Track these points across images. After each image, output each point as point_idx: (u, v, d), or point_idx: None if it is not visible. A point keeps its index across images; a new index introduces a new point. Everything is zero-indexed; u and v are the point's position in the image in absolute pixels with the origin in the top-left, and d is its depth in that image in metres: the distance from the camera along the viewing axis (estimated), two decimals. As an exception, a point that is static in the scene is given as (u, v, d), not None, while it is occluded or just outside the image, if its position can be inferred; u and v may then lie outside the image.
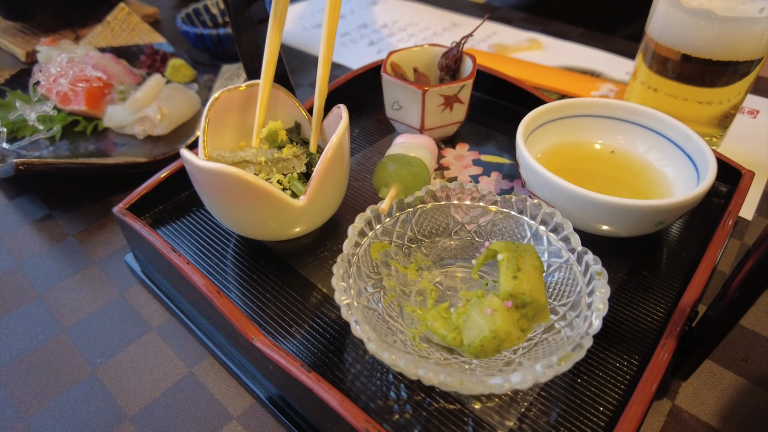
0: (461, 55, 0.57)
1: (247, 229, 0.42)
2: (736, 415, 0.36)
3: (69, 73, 0.65)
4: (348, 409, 0.30)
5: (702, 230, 0.47)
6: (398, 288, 0.38)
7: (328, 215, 0.44)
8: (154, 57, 0.76)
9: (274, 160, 0.42)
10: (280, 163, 0.42)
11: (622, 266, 0.43)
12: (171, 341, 0.42)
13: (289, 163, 0.43)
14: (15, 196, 0.59)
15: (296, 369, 0.32)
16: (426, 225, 0.41)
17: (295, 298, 0.41)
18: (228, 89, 0.45)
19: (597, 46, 0.86)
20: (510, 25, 0.94)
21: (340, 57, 0.86)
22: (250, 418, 0.37)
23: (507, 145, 0.58)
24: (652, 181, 0.47)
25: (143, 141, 0.63)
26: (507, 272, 0.34)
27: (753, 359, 0.40)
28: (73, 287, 0.47)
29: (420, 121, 0.54)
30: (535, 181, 0.43)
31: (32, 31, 0.92)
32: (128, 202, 0.47)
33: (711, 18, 0.49)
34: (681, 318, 0.35)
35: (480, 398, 0.34)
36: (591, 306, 0.32)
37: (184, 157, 0.39)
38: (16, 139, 0.62)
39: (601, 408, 0.34)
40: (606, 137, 0.51)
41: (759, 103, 0.70)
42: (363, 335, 0.30)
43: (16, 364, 0.41)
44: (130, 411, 0.38)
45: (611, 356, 0.37)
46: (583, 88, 0.72)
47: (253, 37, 0.50)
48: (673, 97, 0.55)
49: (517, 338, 0.33)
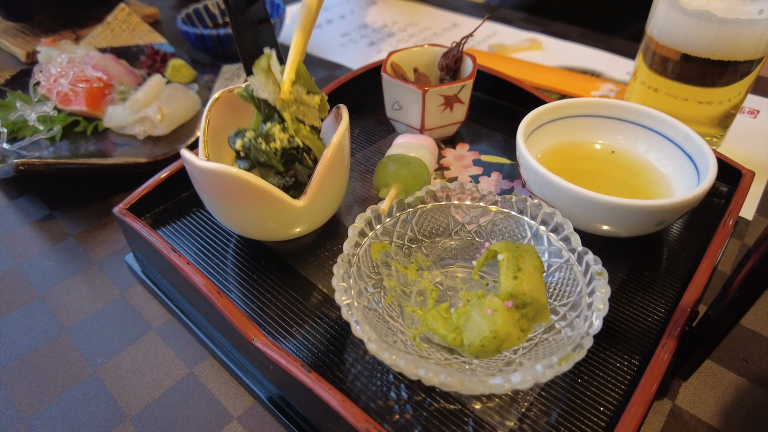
0: (461, 55, 0.57)
1: (247, 230, 0.42)
2: (736, 415, 0.36)
3: (69, 74, 0.65)
4: (348, 409, 0.30)
5: (702, 230, 0.47)
6: (398, 288, 0.38)
7: (328, 215, 0.44)
8: (154, 57, 0.76)
9: (300, 100, 0.40)
10: (302, 106, 0.41)
11: (622, 266, 0.43)
12: (171, 341, 0.42)
13: (310, 111, 0.41)
14: (15, 197, 0.59)
15: (296, 369, 0.32)
16: (426, 225, 0.41)
17: (296, 299, 0.41)
18: (228, 89, 0.45)
19: (597, 46, 0.86)
20: (510, 25, 0.94)
21: (340, 57, 0.86)
22: (251, 418, 0.37)
23: (507, 145, 0.58)
24: (653, 181, 0.47)
25: (143, 141, 0.63)
26: (507, 272, 0.34)
27: (753, 359, 0.39)
28: (74, 287, 0.47)
29: (420, 121, 0.54)
30: (536, 181, 0.43)
31: (32, 31, 0.92)
32: (128, 202, 0.47)
33: (711, 19, 0.49)
34: (681, 318, 0.35)
35: (480, 398, 0.34)
36: (591, 306, 0.32)
37: (185, 158, 0.39)
38: (16, 140, 0.62)
39: (602, 408, 0.34)
40: (606, 137, 0.51)
41: (759, 103, 0.70)
42: (363, 335, 0.30)
43: (16, 365, 0.41)
44: (130, 411, 0.38)
45: (612, 356, 0.37)
46: (583, 88, 0.72)
47: (253, 37, 0.50)
48: (674, 97, 0.55)
49: (517, 338, 0.33)
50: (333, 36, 0.94)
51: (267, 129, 0.40)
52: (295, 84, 0.40)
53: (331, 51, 0.88)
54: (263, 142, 0.39)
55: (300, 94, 0.40)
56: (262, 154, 0.39)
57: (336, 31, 0.96)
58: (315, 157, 0.42)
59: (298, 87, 0.41)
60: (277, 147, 0.40)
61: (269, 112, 0.41)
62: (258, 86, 0.40)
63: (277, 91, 0.40)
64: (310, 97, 0.41)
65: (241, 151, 0.40)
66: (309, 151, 0.41)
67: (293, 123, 0.40)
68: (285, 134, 0.40)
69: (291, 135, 0.40)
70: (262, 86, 0.40)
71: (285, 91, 0.40)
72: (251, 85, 0.40)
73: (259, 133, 0.40)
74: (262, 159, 0.40)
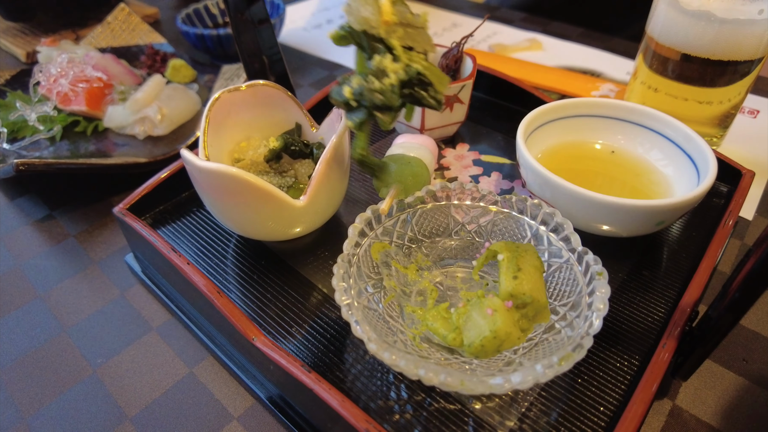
0: (461, 55, 0.57)
1: (248, 230, 0.42)
2: (736, 415, 0.36)
3: (69, 74, 0.65)
4: (348, 409, 0.30)
5: (702, 230, 0.47)
6: (398, 288, 0.38)
7: (328, 215, 0.45)
8: (154, 57, 0.76)
9: (406, 21, 0.34)
10: (410, 29, 0.35)
11: (622, 266, 0.43)
12: (171, 341, 0.42)
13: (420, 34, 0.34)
14: (15, 197, 0.59)
15: (296, 369, 0.32)
16: (426, 225, 0.41)
17: (296, 298, 0.41)
18: (228, 90, 0.45)
19: (597, 46, 0.86)
20: (510, 25, 0.94)
21: (340, 57, 0.86)
22: (251, 418, 0.37)
23: (507, 145, 0.58)
24: (653, 181, 0.47)
25: (143, 141, 0.63)
26: (507, 272, 0.34)
27: (753, 359, 0.39)
28: (74, 287, 0.47)
29: (420, 121, 0.54)
30: (536, 181, 0.43)
31: (32, 31, 0.92)
32: (128, 202, 0.47)
33: (711, 19, 0.49)
34: (681, 318, 0.35)
35: (480, 398, 0.34)
36: (591, 306, 0.32)
37: (185, 158, 0.39)
38: (16, 140, 0.62)
39: (602, 408, 0.34)
40: (606, 137, 0.51)
41: (759, 103, 0.70)
42: (363, 335, 0.30)
43: (16, 365, 0.41)
44: (130, 411, 0.38)
45: (612, 356, 0.37)
46: (583, 88, 0.72)
47: (253, 37, 0.50)
48: (674, 97, 0.55)
49: (517, 338, 0.33)
50: (333, 36, 0.94)
51: (376, 64, 0.33)
52: (396, 5, 0.34)
53: (331, 51, 0.88)
54: (375, 80, 0.33)
55: (404, 14, 0.34)
56: (377, 95, 0.33)
57: (336, 31, 0.95)
58: (437, 92, 0.34)
59: (400, 7, 0.34)
60: (393, 82, 0.33)
61: (373, 44, 0.34)
62: (356, 10, 0.33)
63: (377, 13, 0.33)
64: (416, 17, 0.35)
65: (351, 99, 0.34)
66: (430, 84, 0.34)
67: (404, 52, 0.34)
68: (398, 64, 0.33)
69: (406, 64, 0.33)
70: (361, 7, 0.33)
71: (387, 11, 0.33)
72: (348, 13, 0.34)
73: (369, 71, 0.34)
74: (379, 101, 0.33)
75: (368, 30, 0.33)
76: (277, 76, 0.54)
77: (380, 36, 0.33)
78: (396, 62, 0.33)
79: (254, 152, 0.45)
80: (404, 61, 0.33)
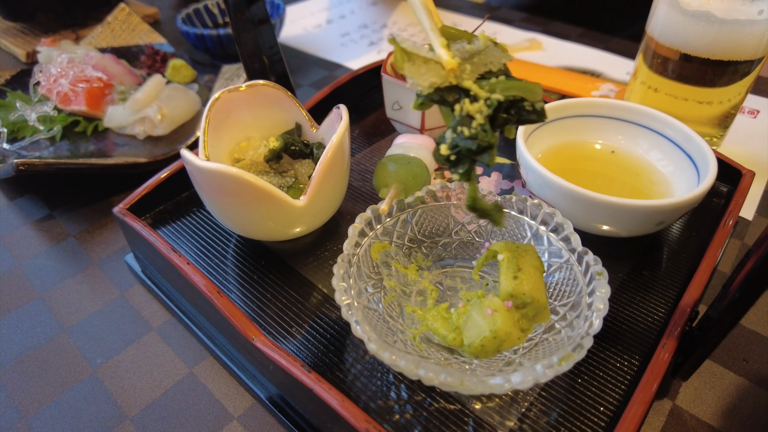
0: (461, 56, 0.57)
1: (248, 230, 0.42)
2: (736, 415, 0.36)
3: (69, 74, 0.65)
4: (348, 409, 0.30)
5: (702, 230, 0.47)
6: (398, 288, 0.38)
7: (328, 215, 0.45)
8: (154, 57, 0.76)
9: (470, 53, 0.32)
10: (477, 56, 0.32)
11: (622, 266, 0.43)
12: (171, 341, 0.42)
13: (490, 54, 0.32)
14: (15, 197, 0.59)
15: (296, 369, 0.32)
16: (426, 225, 0.41)
17: (296, 298, 0.41)
18: (228, 90, 0.45)
19: (597, 46, 0.86)
20: (510, 25, 0.94)
21: (340, 57, 0.86)
22: (251, 418, 0.37)
23: (507, 145, 0.58)
24: (653, 181, 0.47)
25: (143, 141, 0.63)
26: (507, 272, 0.34)
27: (753, 359, 0.39)
28: (74, 287, 0.47)
29: (420, 121, 0.54)
30: (536, 181, 0.43)
31: (32, 31, 0.92)
32: (128, 202, 0.47)
33: (711, 19, 0.49)
34: (681, 318, 0.35)
35: (480, 398, 0.34)
36: (591, 306, 0.32)
37: (185, 158, 0.39)
38: (16, 140, 0.62)
39: (602, 408, 0.34)
40: (606, 137, 0.51)
41: (759, 103, 0.70)
42: (363, 335, 0.30)
43: (16, 365, 0.41)
44: (130, 411, 0.38)
45: (612, 356, 0.37)
46: (583, 88, 0.72)
47: (253, 37, 0.50)
48: (674, 97, 0.55)
49: (517, 338, 0.33)
50: (333, 36, 0.94)
51: (458, 112, 0.31)
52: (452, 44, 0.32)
53: (330, 51, 0.88)
54: (464, 129, 0.31)
55: (463, 50, 0.32)
56: (472, 141, 0.31)
57: (336, 31, 0.96)
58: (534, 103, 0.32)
59: (457, 45, 0.32)
60: (480, 122, 0.31)
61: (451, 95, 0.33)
62: (419, 80, 0.32)
63: (440, 68, 0.32)
64: (475, 43, 0.32)
65: (451, 154, 0.32)
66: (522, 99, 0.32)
67: (479, 85, 0.32)
68: (478, 104, 0.31)
69: (486, 97, 0.31)
70: (423, 76, 0.32)
71: (447, 62, 0.31)
72: (413, 86, 0.32)
73: (456, 123, 0.32)
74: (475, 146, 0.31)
75: (440, 86, 0.32)
76: (277, 76, 0.54)
77: (453, 84, 0.32)
78: (476, 101, 0.31)
79: (254, 152, 0.45)
80: (483, 95, 0.31)
